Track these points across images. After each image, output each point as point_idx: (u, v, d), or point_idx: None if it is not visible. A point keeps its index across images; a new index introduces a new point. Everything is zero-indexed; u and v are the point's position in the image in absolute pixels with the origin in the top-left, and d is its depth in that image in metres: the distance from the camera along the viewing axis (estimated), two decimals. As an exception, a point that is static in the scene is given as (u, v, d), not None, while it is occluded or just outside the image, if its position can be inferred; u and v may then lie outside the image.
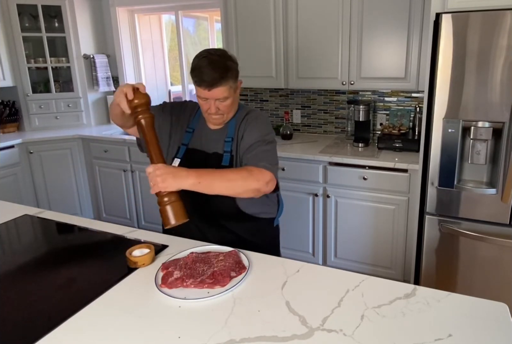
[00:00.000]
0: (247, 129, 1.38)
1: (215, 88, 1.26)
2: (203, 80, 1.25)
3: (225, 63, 1.28)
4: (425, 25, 2.33)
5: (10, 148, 3.20)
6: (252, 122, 1.40)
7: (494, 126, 1.86)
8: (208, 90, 1.27)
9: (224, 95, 1.29)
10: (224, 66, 1.27)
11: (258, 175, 1.24)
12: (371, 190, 2.45)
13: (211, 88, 1.26)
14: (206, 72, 1.24)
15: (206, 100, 1.31)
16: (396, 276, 2.53)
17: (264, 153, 1.32)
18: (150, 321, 0.96)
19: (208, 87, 1.26)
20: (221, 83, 1.26)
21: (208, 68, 1.25)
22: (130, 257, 1.19)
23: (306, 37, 2.66)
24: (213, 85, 1.25)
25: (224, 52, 1.32)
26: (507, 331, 0.89)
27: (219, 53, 1.30)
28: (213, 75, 1.24)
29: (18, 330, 0.94)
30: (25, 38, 3.44)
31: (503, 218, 1.95)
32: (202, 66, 1.26)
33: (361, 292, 1.06)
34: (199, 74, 1.26)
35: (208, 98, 1.30)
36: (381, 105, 2.90)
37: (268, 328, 0.93)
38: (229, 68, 1.28)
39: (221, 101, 1.31)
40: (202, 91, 1.28)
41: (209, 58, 1.27)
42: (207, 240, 1.37)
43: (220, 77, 1.25)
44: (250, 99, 3.36)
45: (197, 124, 1.46)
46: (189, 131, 1.45)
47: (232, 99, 1.34)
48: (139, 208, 3.38)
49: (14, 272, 1.22)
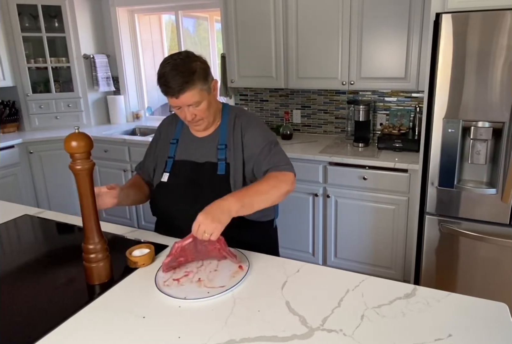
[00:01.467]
0: (247, 137, 1.33)
1: (182, 95, 1.19)
2: (168, 88, 1.18)
3: (189, 66, 1.20)
4: (425, 25, 2.33)
5: (10, 148, 3.20)
6: (248, 128, 1.35)
7: (494, 126, 1.86)
8: (176, 98, 1.19)
9: (195, 100, 1.22)
10: (188, 69, 1.19)
11: (284, 178, 1.25)
12: (371, 190, 2.45)
13: (178, 95, 1.19)
14: (170, 79, 1.17)
15: (179, 108, 1.24)
16: (396, 276, 2.52)
17: (277, 156, 1.32)
18: (150, 321, 0.96)
19: (175, 95, 1.19)
20: (188, 88, 1.18)
21: (171, 73, 1.18)
22: (130, 257, 1.19)
23: (306, 37, 2.66)
24: (180, 92, 1.18)
25: (188, 54, 1.24)
26: (507, 331, 0.89)
27: (182, 56, 1.22)
28: (177, 81, 1.17)
29: (18, 330, 0.94)
30: (25, 38, 3.44)
31: (503, 218, 1.95)
32: (165, 73, 1.19)
33: (361, 292, 1.06)
34: (164, 82, 1.19)
35: (180, 106, 1.23)
36: (381, 105, 2.90)
37: (268, 328, 0.93)
38: (194, 70, 1.20)
39: (194, 107, 1.23)
40: (170, 100, 1.22)
41: (172, 63, 1.20)
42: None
43: (184, 82, 1.17)
44: (250, 99, 3.36)
45: (180, 134, 1.42)
46: (173, 143, 1.40)
47: (207, 102, 1.26)
48: (139, 208, 3.38)
49: (14, 272, 1.22)
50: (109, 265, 1.14)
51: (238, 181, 1.35)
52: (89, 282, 1.12)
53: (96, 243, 1.10)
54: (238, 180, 1.35)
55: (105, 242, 1.13)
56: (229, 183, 1.33)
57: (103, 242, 1.12)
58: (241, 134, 1.35)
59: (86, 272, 1.11)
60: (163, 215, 1.45)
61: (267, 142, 1.33)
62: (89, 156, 1.07)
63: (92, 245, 1.10)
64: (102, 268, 1.12)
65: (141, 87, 3.99)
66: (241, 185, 1.34)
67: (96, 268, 1.11)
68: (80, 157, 1.05)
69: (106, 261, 1.12)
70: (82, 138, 1.04)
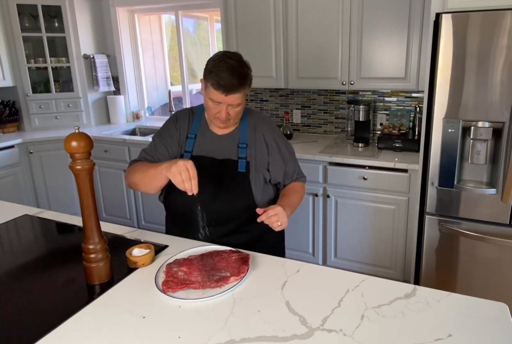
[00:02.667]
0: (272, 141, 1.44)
1: (231, 94, 1.25)
2: (221, 85, 1.23)
3: (244, 70, 1.27)
4: (425, 25, 2.33)
5: (10, 148, 3.20)
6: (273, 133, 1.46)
7: (494, 126, 1.86)
8: (225, 95, 1.25)
9: (238, 102, 1.29)
10: (243, 72, 1.26)
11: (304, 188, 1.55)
12: (371, 190, 2.45)
13: (228, 94, 1.25)
14: (225, 77, 1.23)
15: (218, 104, 1.29)
16: (396, 276, 2.52)
17: (299, 168, 1.55)
18: (150, 321, 0.96)
19: (225, 92, 1.24)
20: (239, 90, 1.25)
21: (227, 73, 1.23)
22: (130, 257, 1.19)
23: (306, 37, 2.66)
24: (231, 91, 1.24)
25: (241, 58, 1.31)
26: (507, 331, 0.89)
27: (237, 58, 1.29)
28: (232, 81, 1.23)
29: (18, 330, 0.94)
30: (25, 38, 3.44)
31: (503, 218, 1.95)
32: (221, 70, 1.24)
33: (361, 292, 1.06)
34: (217, 78, 1.23)
35: (222, 102, 1.28)
36: (381, 105, 2.90)
37: (268, 328, 0.93)
38: (247, 76, 1.28)
39: (233, 107, 1.30)
40: (218, 95, 1.26)
41: (228, 62, 1.25)
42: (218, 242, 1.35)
43: (238, 84, 1.24)
44: (250, 99, 3.35)
45: (198, 129, 1.43)
46: (190, 137, 1.42)
47: (243, 105, 1.34)
48: (139, 208, 3.38)
49: (14, 272, 1.22)
50: (109, 265, 1.14)
51: (257, 178, 1.40)
52: (89, 282, 1.12)
53: (96, 243, 1.10)
54: (258, 178, 1.40)
55: (105, 242, 1.13)
56: (249, 180, 1.38)
57: (103, 242, 1.12)
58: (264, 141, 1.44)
59: (86, 272, 1.11)
60: (178, 210, 1.45)
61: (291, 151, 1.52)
62: (89, 156, 1.07)
63: (92, 245, 1.09)
64: (102, 268, 1.11)
65: (141, 87, 3.99)
66: (261, 183, 1.42)
67: (96, 268, 1.11)
68: (80, 158, 1.05)
69: (106, 261, 1.12)
70: (83, 138, 1.04)
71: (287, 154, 1.48)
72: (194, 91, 4.09)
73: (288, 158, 1.49)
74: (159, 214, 1.58)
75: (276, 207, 1.22)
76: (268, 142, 1.44)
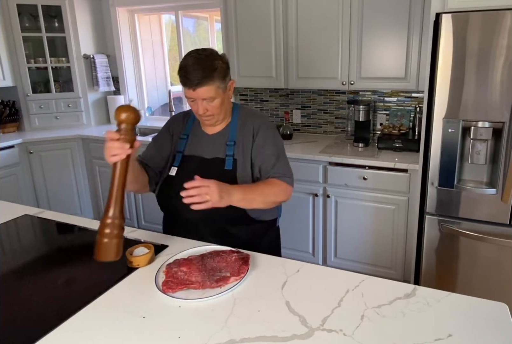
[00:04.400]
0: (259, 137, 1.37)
1: (199, 88, 1.24)
2: (187, 79, 1.24)
3: (211, 63, 1.26)
4: (425, 25, 2.33)
5: (10, 148, 3.20)
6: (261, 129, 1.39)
7: (494, 126, 1.86)
8: (193, 90, 1.25)
9: (210, 95, 1.27)
10: (210, 65, 1.25)
11: (286, 190, 1.35)
12: (371, 190, 2.45)
13: (196, 88, 1.24)
14: (191, 71, 1.23)
15: (193, 101, 1.30)
16: (396, 276, 2.52)
17: (285, 167, 1.39)
18: (150, 321, 0.96)
19: (192, 87, 1.24)
20: (206, 83, 1.24)
21: (193, 67, 1.24)
22: (130, 257, 1.20)
23: (306, 37, 2.66)
24: (198, 85, 1.24)
25: (213, 52, 1.31)
26: (507, 331, 0.89)
27: (207, 52, 1.28)
28: (198, 75, 1.23)
29: (18, 330, 0.94)
30: (25, 38, 3.44)
31: (503, 218, 1.95)
32: (188, 65, 1.25)
33: (361, 292, 1.06)
34: (184, 73, 1.25)
35: (194, 98, 1.28)
36: (381, 105, 2.90)
37: (268, 328, 0.93)
38: (216, 68, 1.26)
39: (208, 102, 1.29)
40: (187, 91, 1.27)
41: (196, 57, 1.26)
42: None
43: (204, 77, 1.23)
44: (250, 99, 3.36)
45: (190, 130, 1.45)
46: (183, 138, 1.44)
47: (221, 100, 1.31)
48: (139, 208, 3.38)
49: (14, 272, 1.22)
50: (121, 245, 1.09)
51: (245, 176, 1.38)
52: (96, 257, 1.08)
53: (115, 217, 1.06)
54: (245, 176, 1.38)
55: (124, 221, 1.09)
56: (236, 178, 1.37)
57: (121, 219, 1.08)
58: (252, 134, 1.39)
59: (97, 246, 1.07)
60: (170, 208, 1.47)
61: (277, 149, 1.40)
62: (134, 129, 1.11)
63: (110, 219, 1.06)
64: (113, 246, 1.06)
65: (141, 87, 3.99)
66: (250, 180, 1.39)
67: (107, 244, 1.06)
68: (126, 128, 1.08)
69: (119, 240, 1.07)
70: (133, 111, 1.07)
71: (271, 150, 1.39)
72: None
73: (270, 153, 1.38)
74: (159, 214, 1.58)
75: (210, 180, 1.13)
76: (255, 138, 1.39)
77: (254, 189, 1.28)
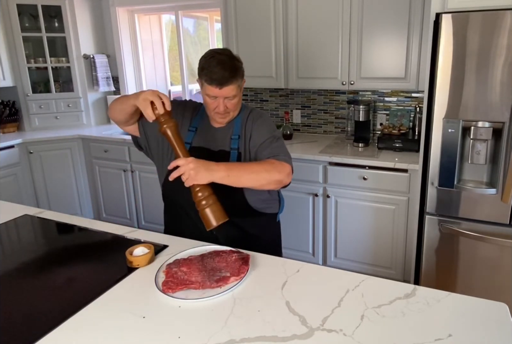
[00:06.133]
0: (255, 128, 1.43)
1: (225, 87, 1.31)
2: (214, 79, 1.29)
3: (234, 63, 1.34)
4: (425, 25, 2.33)
5: (10, 148, 3.20)
6: (257, 121, 1.44)
7: (494, 126, 1.86)
8: (219, 89, 1.31)
9: (233, 94, 1.34)
10: (233, 65, 1.33)
11: (280, 167, 1.31)
12: (371, 190, 2.45)
13: (222, 87, 1.30)
14: (217, 71, 1.29)
15: (215, 98, 1.34)
16: (396, 276, 2.52)
17: (279, 149, 1.41)
18: (150, 321, 0.96)
19: (219, 86, 1.30)
20: (231, 82, 1.31)
21: (218, 67, 1.29)
22: (130, 257, 1.19)
23: (306, 37, 2.66)
24: (224, 84, 1.30)
25: (230, 52, 1.38)
26: (507, 331, 0.89)
27: (226, 53, 1.36)
28: (224, 74, 1.29)
29: (18, 330, 0.94)
30: (25, 38, 3.44)
31: (503, 218, 1.95)
32: (212, 66, 1.30)
33: (361, 292, 1.06)
34: (209, 73, 1.30)
35: (218, 96, 1.33)
36: (381, 105, 2.90)
37: (268, 328, 0.93)
38: (238, 68, 1.35)
39: (229, 100, 1.35)
40: (212, 89, 1.31)
41: (218, 57, 1.32)
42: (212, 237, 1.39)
43: (230, 76, 1.30)
44: (250, 99, 3.36)
45: (199, 123, 1.48)
46: (191, 130, 1.47)
47: (239, 97, 1.39)
48: (139, 208, 3.38)
49: (14, 272, 1.22)
50: (221, 207, 1.17)
51: None
52: (208, 226, 1.16)
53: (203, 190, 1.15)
54: None
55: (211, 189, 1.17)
56: None
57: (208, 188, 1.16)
58: (251, 127, 1.44)
59: (203, 218, 1.15)
60: (173, 199, 1.48)
61: (272, 135, 1.42)
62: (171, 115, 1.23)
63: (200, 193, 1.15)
64: (216, 209, 1.15)
65: (141, 87, 3.99)
66: None
67: (210, 210, 1.14)
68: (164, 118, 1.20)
69: (217, 204, 1.16)
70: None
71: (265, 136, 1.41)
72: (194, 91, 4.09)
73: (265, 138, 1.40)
74: (159, 214, 1.58)
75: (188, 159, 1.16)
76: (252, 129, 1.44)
77: (241, 166, 1.28)
